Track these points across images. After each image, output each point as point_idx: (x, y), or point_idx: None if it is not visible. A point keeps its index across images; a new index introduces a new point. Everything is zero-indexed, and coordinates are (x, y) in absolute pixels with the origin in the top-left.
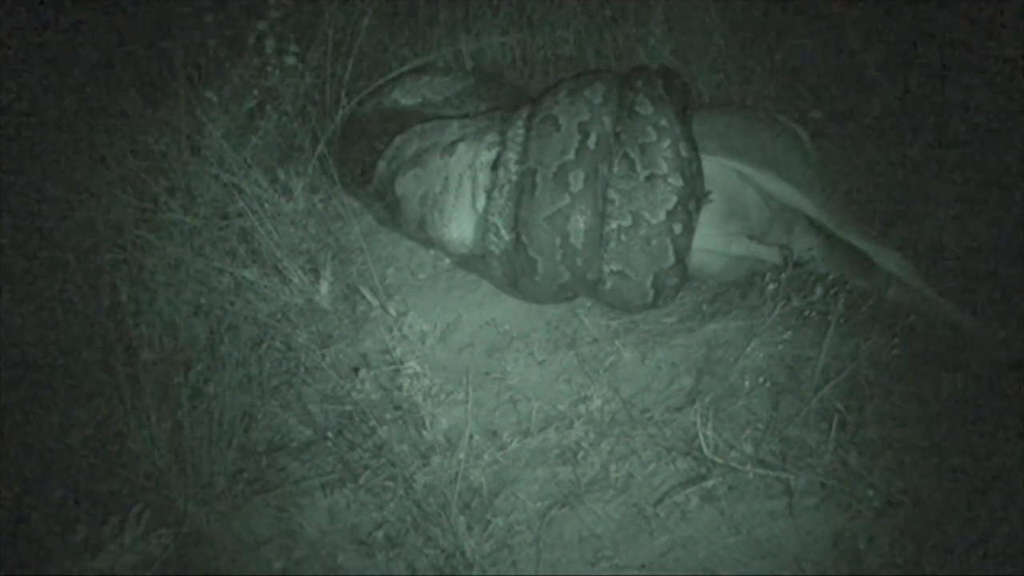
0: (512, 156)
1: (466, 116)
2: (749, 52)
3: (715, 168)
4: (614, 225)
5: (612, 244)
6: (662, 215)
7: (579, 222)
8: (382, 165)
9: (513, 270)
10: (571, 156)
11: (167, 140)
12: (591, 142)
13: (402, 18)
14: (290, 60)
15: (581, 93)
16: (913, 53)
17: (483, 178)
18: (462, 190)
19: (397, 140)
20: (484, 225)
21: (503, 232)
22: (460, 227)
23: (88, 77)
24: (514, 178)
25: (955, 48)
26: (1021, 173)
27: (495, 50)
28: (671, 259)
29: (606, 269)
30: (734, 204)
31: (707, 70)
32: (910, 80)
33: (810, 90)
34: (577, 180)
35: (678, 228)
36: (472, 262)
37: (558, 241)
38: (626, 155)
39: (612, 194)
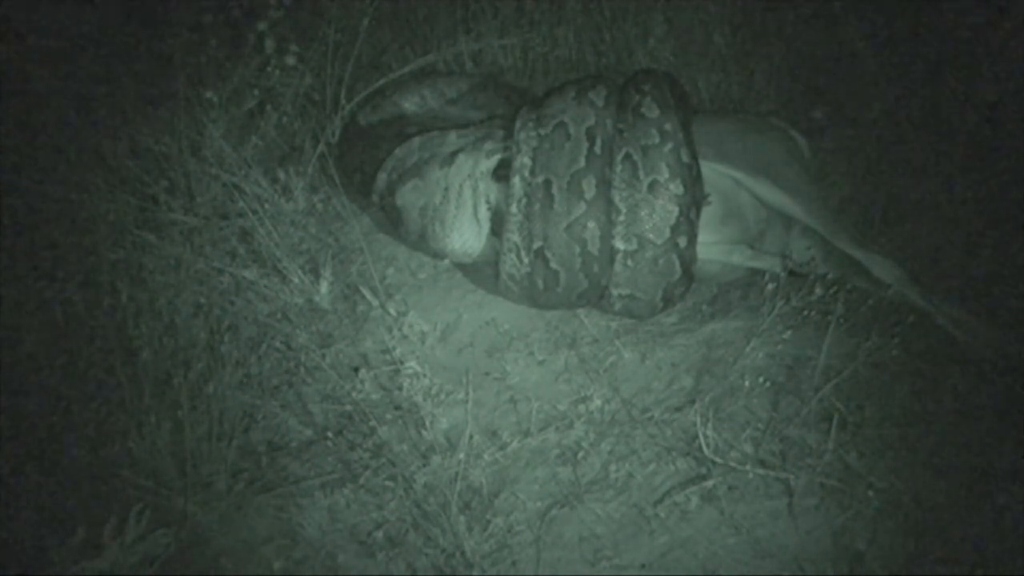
0: (527, 163)
1: (464, 126)
2: (749, 52)
3: (709, 173)
4: (620, 247)
5: (618, 268)
6: (667, 232)
7: (595, 228)
8: (382, 176)
9: (533, 288)
10: (582, 164)
11: (167, 140)
12: (597, 147)
13: (402, 19)
14: (290, 60)
15: (586, 95)
16: (913, 53)
17: (484, 187)
18: (462, 200)
19: (397, 151)
20: (502, 246)
21: (523, 253)
22: (462, 237)
23: (88, 77)
24: (530, 189)
25: (955, 48)
26: (1021, 173)
27: (495, 51)
28: (678, 272)
29: (615, 293)
30: (730, 205)
31: (707, 70)
32: (910, 80)
33: (810, 90)
34: (590, 187)
35: (683, 242)
36: (473, 268)
37: (577, 250)
38: (628, 155)
39: (616, 197)
